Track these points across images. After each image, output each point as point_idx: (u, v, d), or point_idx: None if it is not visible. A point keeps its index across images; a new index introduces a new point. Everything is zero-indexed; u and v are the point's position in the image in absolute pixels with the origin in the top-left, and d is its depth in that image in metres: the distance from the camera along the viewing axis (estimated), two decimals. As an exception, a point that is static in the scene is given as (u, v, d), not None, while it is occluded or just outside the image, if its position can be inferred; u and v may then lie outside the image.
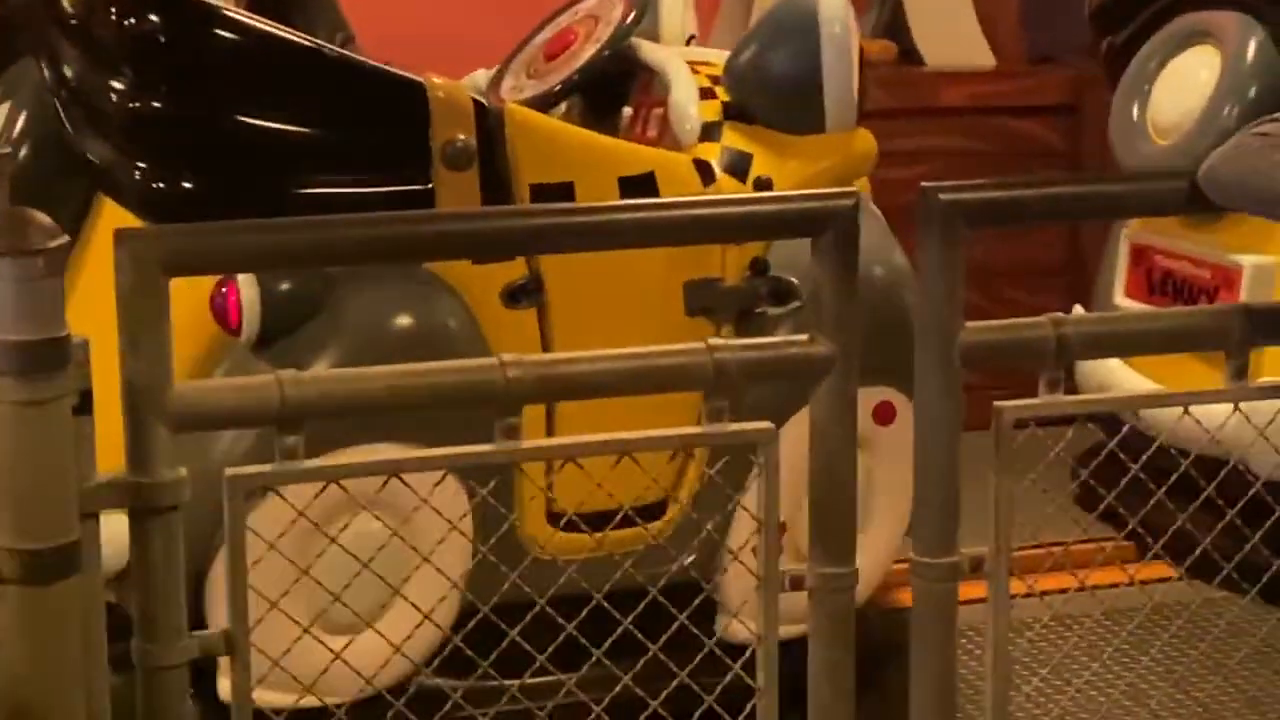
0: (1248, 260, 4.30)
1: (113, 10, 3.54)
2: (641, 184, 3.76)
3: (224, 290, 3.50)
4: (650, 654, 2.55)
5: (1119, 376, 4.40)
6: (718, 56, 4.19)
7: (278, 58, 3.64)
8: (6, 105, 3.77)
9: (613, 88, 4.29)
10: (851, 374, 2.49)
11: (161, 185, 3.50)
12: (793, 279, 3.79)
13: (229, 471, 2.28)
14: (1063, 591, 2.96)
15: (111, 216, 3.55)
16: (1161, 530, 2.74)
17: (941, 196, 2.48)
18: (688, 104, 4.01)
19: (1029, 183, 2.75)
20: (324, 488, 2.35)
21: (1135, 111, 4.62)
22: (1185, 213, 2.75)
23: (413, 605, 2.65)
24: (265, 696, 2.39)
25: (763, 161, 3.92)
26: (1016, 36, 6.36)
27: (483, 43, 5.93)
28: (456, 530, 2.60)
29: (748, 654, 2.52)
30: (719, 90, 4.06)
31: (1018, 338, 2.59)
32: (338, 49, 3.77)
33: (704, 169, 3.88)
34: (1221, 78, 4.37)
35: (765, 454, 2.47)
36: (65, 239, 2.09)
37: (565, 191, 3.68)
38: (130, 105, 3.51)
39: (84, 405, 2.16)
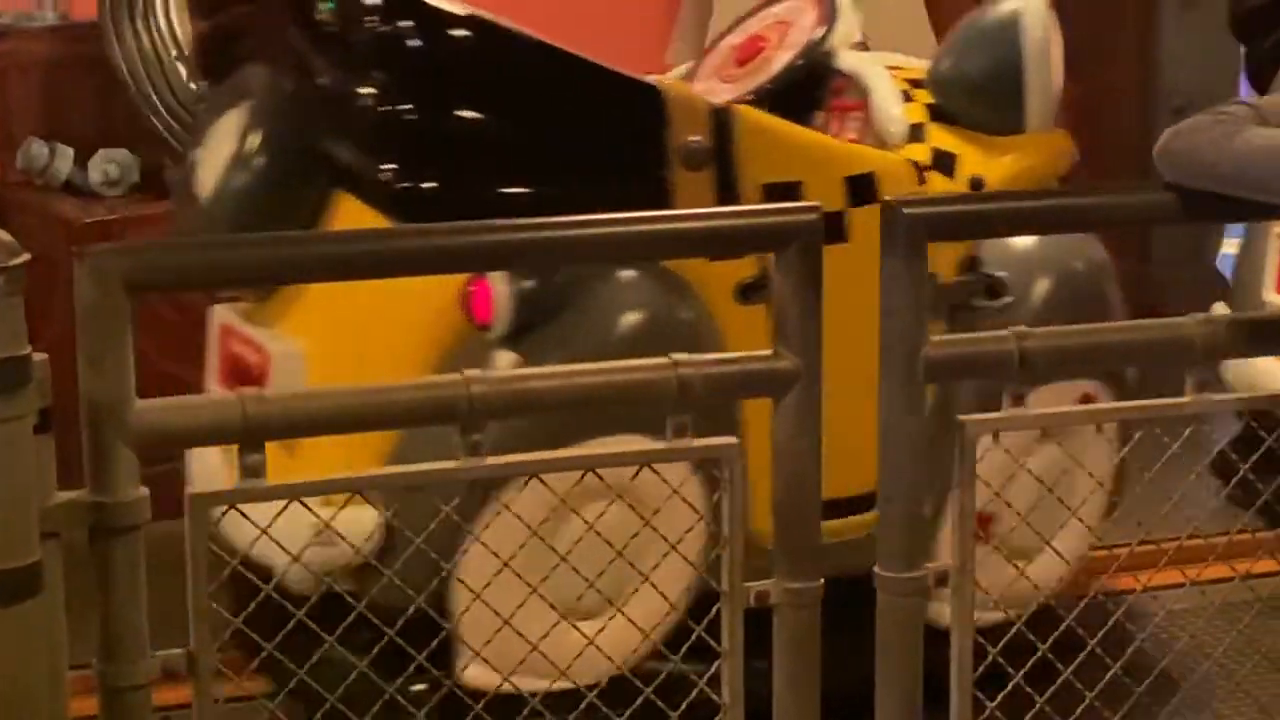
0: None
1: (366, 17, 3.63)
2: (864, 183, 3.88)
3: (474, 286, 3.57)
4: None
5: (1273, 374, 4.36)
6: (904, 60, 4.40)
7: (523, 62, 3.75)
8: (239, 109, 3.84)
9: (802, 92, 4.37)
10: (815, 388, 2.48)
11: (409, 185, 3.60)
12: (1002, 275, 3.91)
13: (189, 491, 2.27)
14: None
15: (347, 218, 3.65)
16: None
17: (905, 211, 2.48)
18: (893, 106, 4.17)
19: (992, 196, 2.75)
20: (582, 476, 2.47)
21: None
22: (1156, 224, 2.76)
23: (658, 592, 2.75)
24: (516, 682, 2.59)
25: (970, 161, 4.06)
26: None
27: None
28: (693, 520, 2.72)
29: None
30: (917, 94, 4.21)
31: (982, 351, 2.59)
32: (578, 53, 3.84)
33: (915, 169, 4.01)
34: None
35: (729, 469, 2.47)
36: (26, 256, 2.06)
37: (793, 191, 3.75)
38: (380, 108, 3.62)
39: (44, 424, 2.14)
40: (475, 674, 3.06)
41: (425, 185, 3.61)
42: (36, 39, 5.30)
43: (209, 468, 3.76)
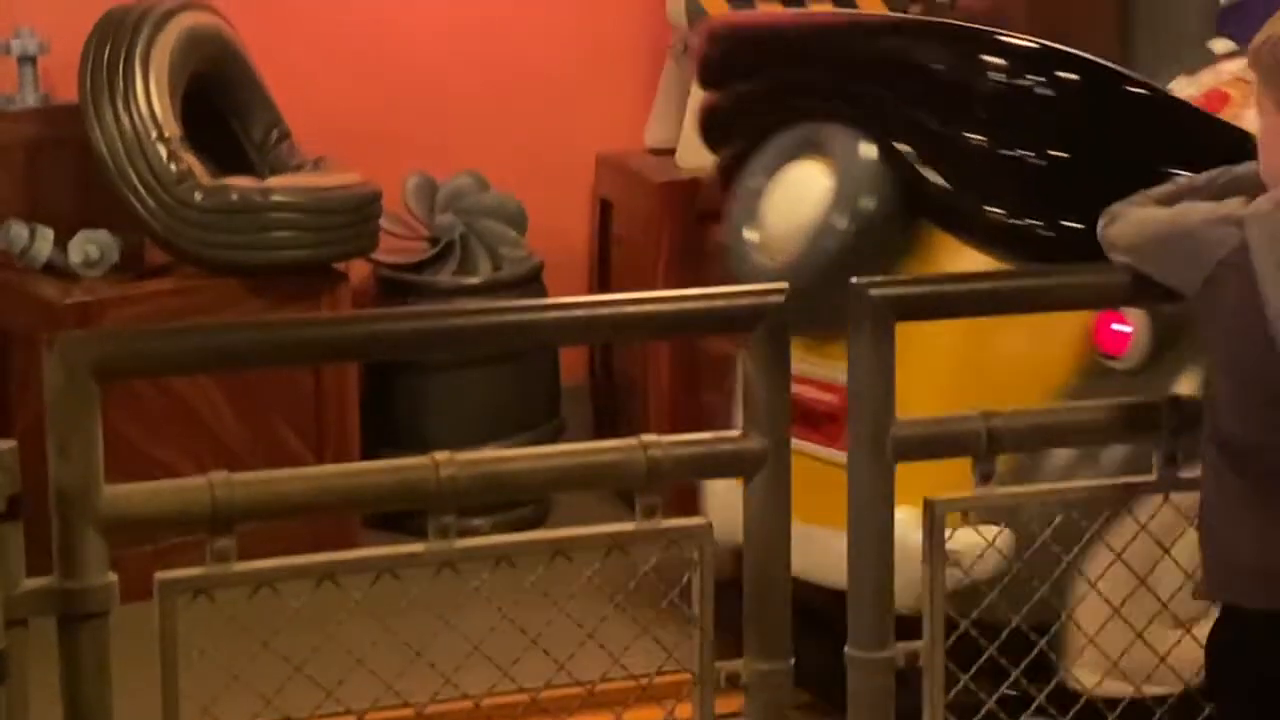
0: None
1: (994, 72, 3.90)
2: None
3: (1110, 320, 3.74)
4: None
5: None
6: None
7: (1133, 107, 3.90)
8: (807, 166, 4.11)
9: None
10: (784, 468, 2.49)
11: (1021, 225, 3.83)
12: None
13: (159, 576, 2.27)
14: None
15: (936, 259, 3.88)
16: None
17: (871, 292, 2.50)
18: None
19: (957, 277, 2.77)
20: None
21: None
22: (1115, 305, 2.77)
23: None
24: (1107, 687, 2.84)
25: None
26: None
27: (411, 139, 5.97)
28: None
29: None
30: None
31: (949, 431, 2.60)
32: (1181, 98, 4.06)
33: None
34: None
35: (700, 550, 2.47)
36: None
37: None
38: (992, 153, 3.88)
39: (11, 511, 2.14)
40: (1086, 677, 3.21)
41: (1031, 223, 3.82)
42: (17, 121, 5.31)
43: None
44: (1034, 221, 3.84)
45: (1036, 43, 3.98)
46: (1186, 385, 3.61)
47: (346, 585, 2.38)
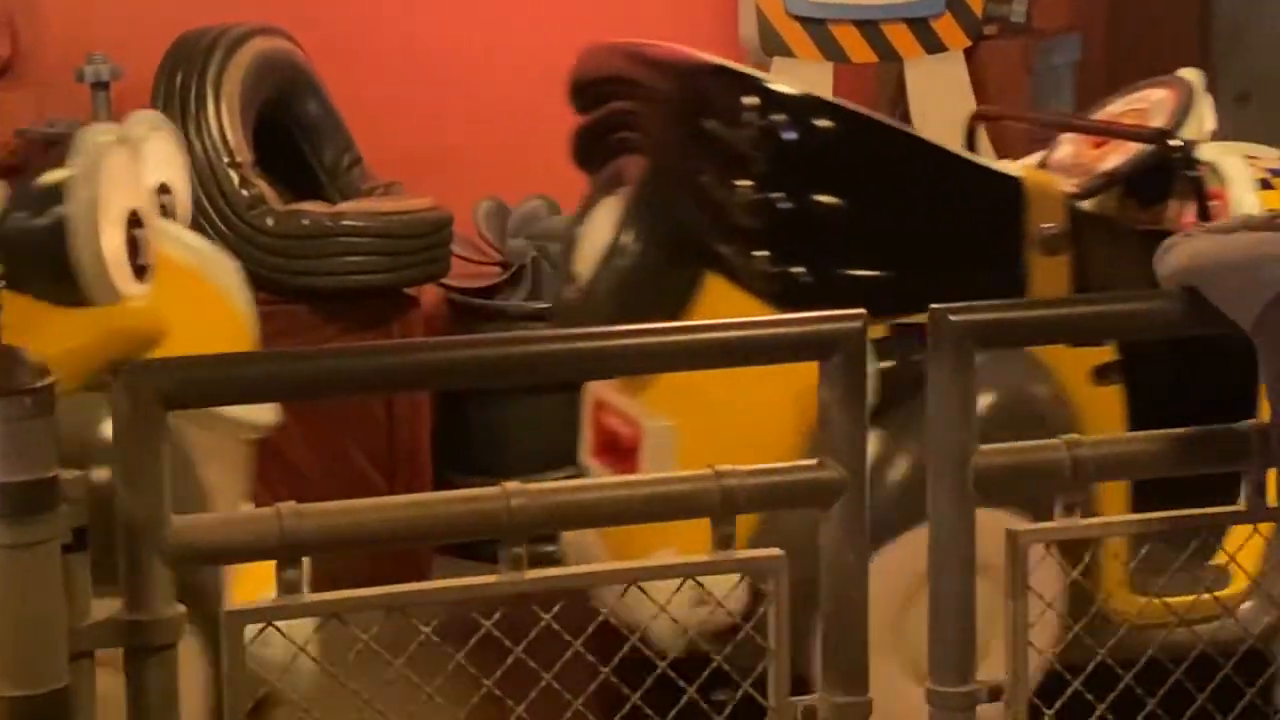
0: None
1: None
2: None
3: None
4: None
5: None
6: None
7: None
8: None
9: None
10: (861, 499, 2.44)
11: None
12: None
13: (227, 608, 2.24)
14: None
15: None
16: None
17: (952, 319, 2.44)
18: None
19: (1039, 303, 2.71)
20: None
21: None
22: (1186, 332, 2.70)
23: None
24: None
25: None
26: (1025, 149, 6.34)
27: (482, 164, 5.96)
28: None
29: None
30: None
31: (1032, 460, 2.54)
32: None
33: None
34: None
35: (775, 581, 2.42)
36: (52, 379, 2.05)
37: None
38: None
39: (78, 543, 2.12)
40: None
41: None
42: (91, 147, 5.33)
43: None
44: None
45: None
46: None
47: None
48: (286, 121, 5.48)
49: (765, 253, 3.86)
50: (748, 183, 3.86)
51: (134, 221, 3.59)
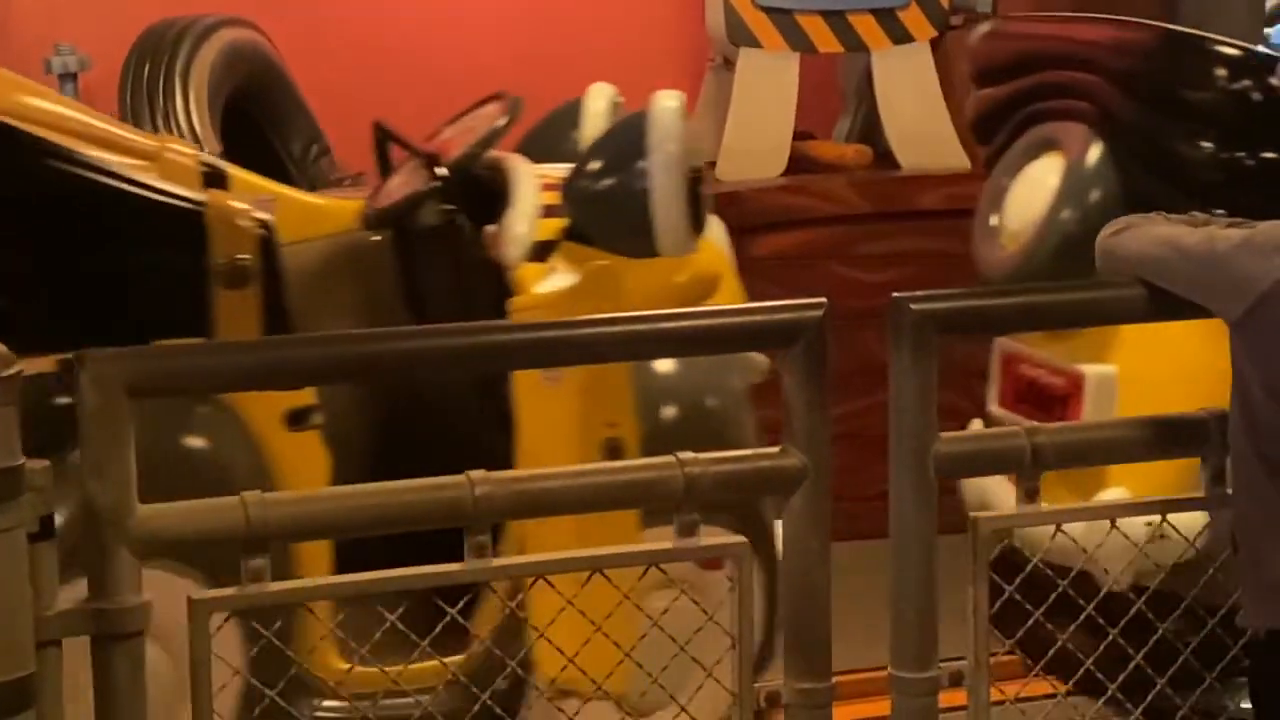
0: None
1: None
2: None
3: None
4: None
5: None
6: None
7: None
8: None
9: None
10: (823, 485, 2.46)
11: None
12: None
13: (194, 596, 2.25)
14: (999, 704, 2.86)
15: None
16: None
17: (913, 306, 2.46)
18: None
19: (1000, 291, 2.73)
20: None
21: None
22: (1151, 320, 2.73)
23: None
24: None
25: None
26: (991, 139, 6.38)
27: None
28: None
29: None
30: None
31: (992, 447, 2.57)
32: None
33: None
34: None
35: (738, 568, 2.44)
36: (18, 368, 2.06)
37: None
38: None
39: (44, 531, 2.12)
40: None
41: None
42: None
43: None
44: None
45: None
46: None
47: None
48: (254, 112, 5.47)
49: (1222, 211, 3.95)
50: (1209, 144, 4.15)
51: (694, 179, 3.75)
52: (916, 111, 6.29)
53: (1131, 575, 2.87)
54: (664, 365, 3.78)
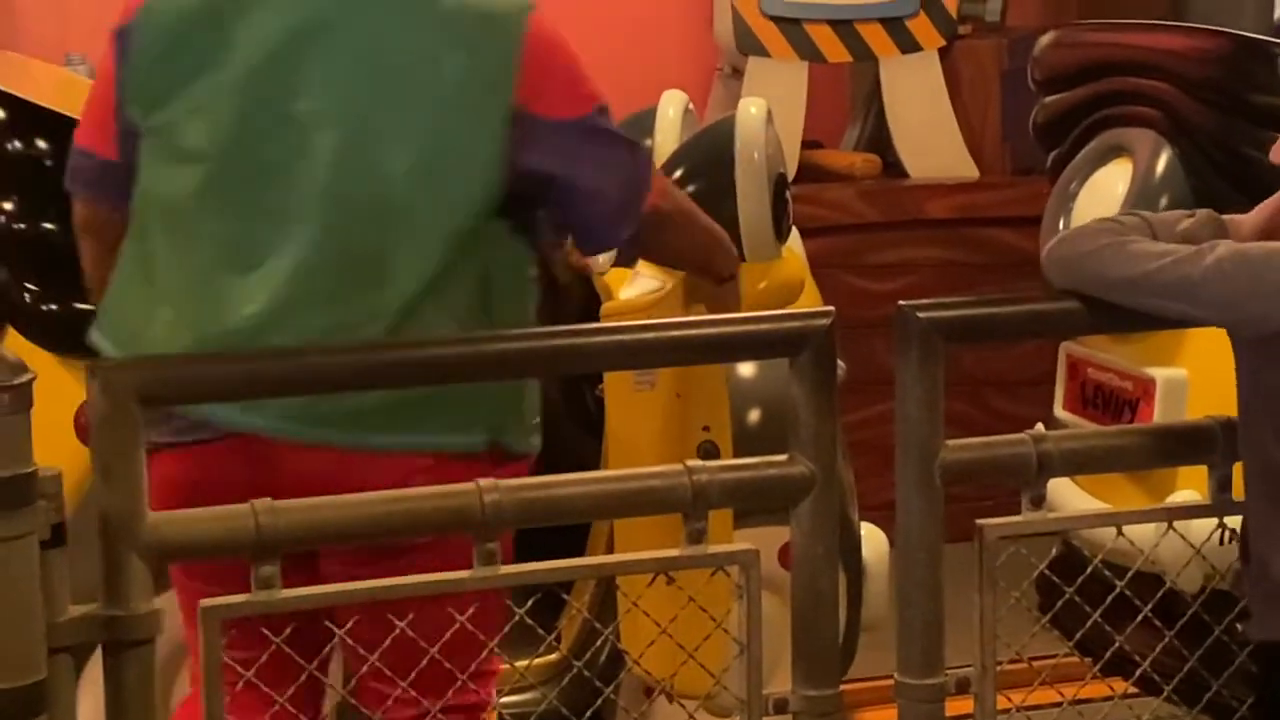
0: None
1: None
2: None
3: None
4: None
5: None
6: None
7: None
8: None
9: None
10: (831, 493, 2.47)
11: None
12: None
13: (204, 603, 2.26)
14: (1054, 706, 2.88)
15: None
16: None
17: (920, 315, 2.47)
18: None
19: (1007, 299, 2.73)
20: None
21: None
22: (1158, 327, 2.74)
23: None
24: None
25: None
26: (999, 148, 6.39)
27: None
28: None
29: None
30: None
31: (999, 455, 2.58)
32: None
33: None
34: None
35: (747, 575, 2.45)
36: (31, 375, 2.07)
37: None
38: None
39: (56, 539, 2.14)
40: None
41: None
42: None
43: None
44: None
45: None
46: None
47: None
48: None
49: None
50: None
51: (780, 185, 3.79)
52: (925, 120, 6.31)
53: (1201, 578, 2.87)
54: (746, 369, 3.87)
